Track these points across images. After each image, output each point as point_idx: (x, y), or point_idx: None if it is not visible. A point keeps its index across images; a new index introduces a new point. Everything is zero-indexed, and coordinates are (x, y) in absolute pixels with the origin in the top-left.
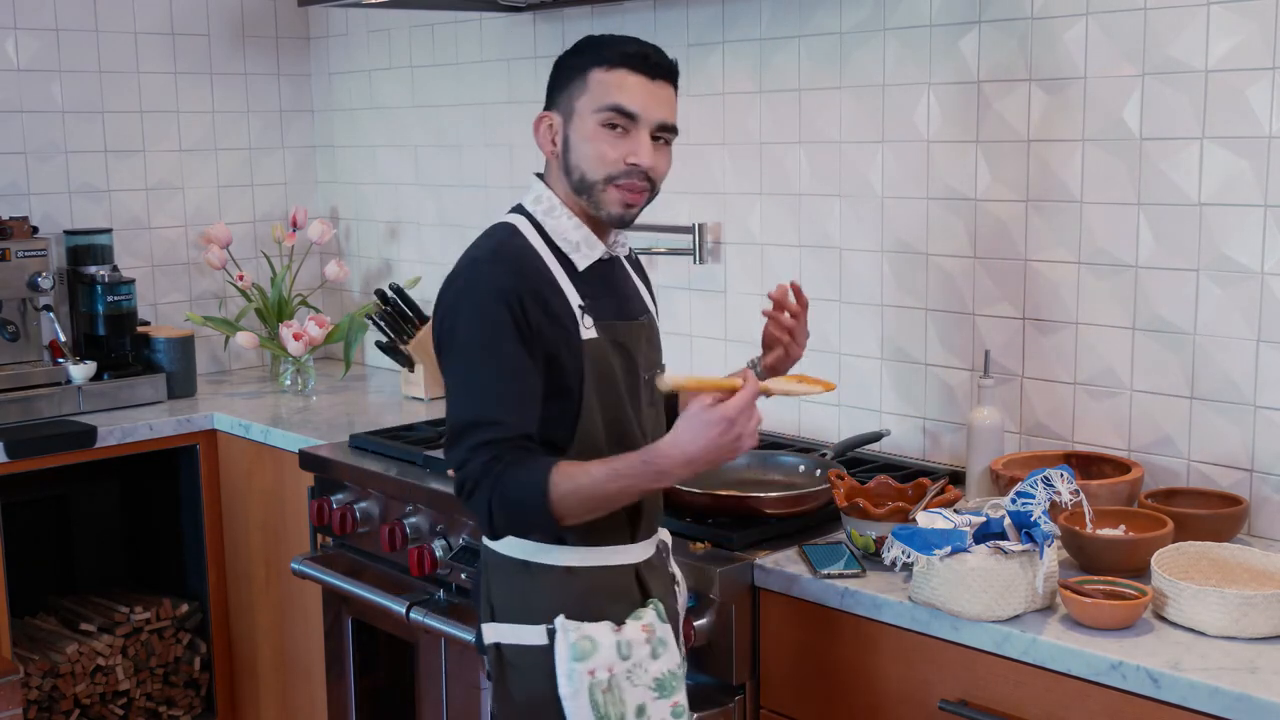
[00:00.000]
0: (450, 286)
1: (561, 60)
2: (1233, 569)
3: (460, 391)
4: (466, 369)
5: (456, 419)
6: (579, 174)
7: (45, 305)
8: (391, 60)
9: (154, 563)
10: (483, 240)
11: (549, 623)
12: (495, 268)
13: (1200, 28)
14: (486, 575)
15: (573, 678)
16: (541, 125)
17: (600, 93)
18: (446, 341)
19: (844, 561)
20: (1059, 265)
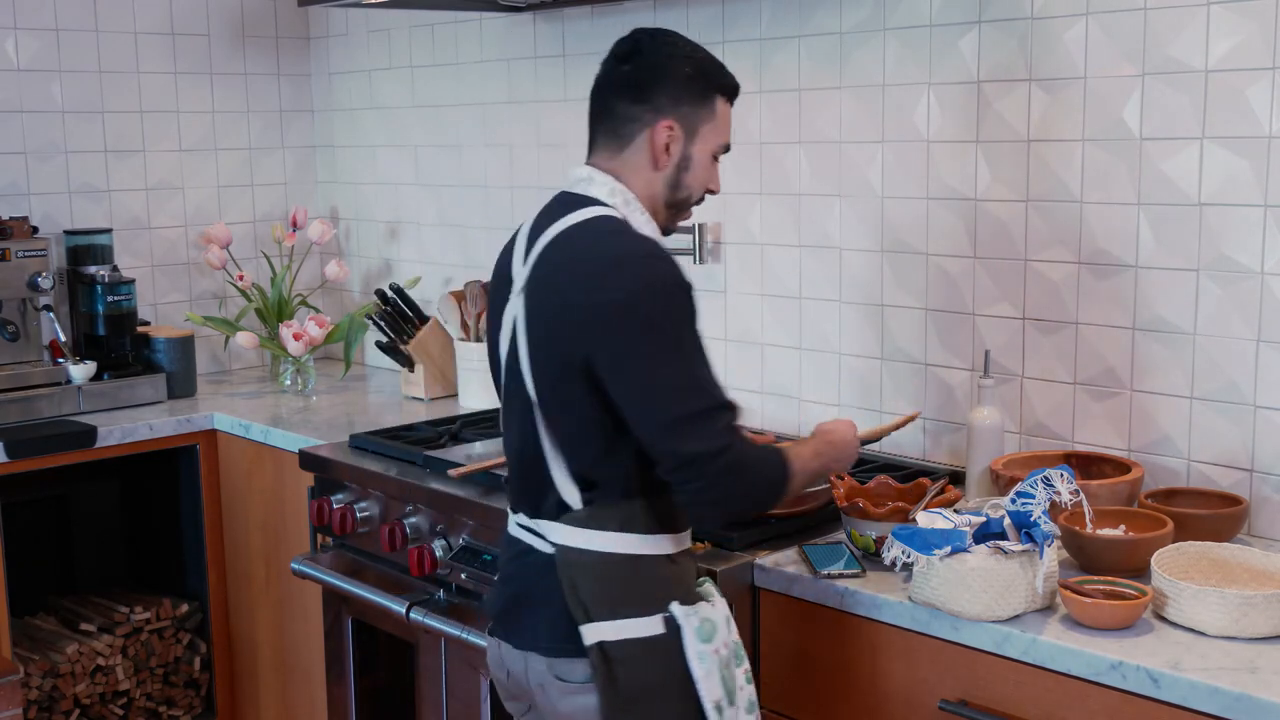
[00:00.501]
0: (620, 279)
1: (678, 63)
2: (1233, 569)
3: (687, 380)
4: (687, 358)
5: (699, 405)
6: (686, 193)
7: (45, 305)
8: (391, 60)
9: (154, 563)
10: (618, 234)
11: (662, 611)
12: (667, 261)
13: (1200, 28)
14: (570, 575)
15: (704, 659)
16: (664, 131)
17: (723, 127)
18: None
19: (844, 561)
20: (1059, 265)
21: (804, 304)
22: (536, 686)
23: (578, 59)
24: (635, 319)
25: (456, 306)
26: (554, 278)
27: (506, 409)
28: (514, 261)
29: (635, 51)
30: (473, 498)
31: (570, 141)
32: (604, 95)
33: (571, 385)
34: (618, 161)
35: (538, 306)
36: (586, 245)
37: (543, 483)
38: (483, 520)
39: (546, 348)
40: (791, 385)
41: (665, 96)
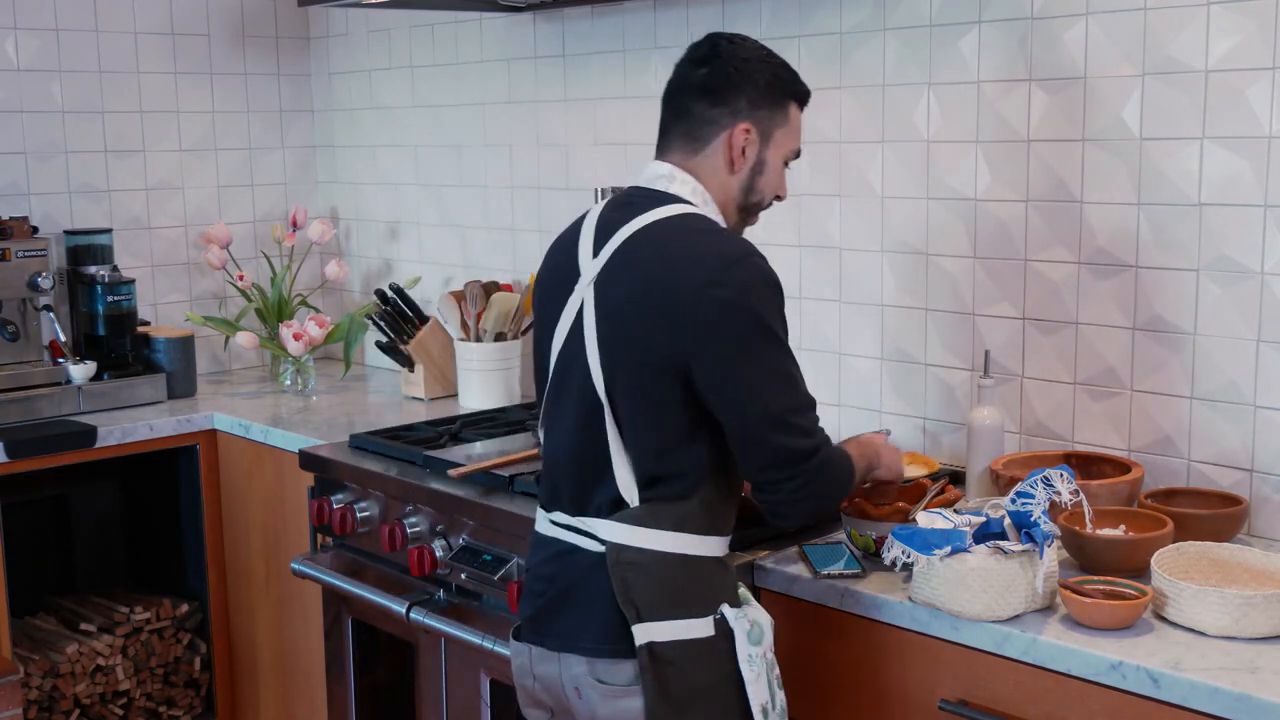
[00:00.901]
0: (730, 279)
1: (757, 67)
2: (1233, 569)
3: (785, 378)
4: (787, 356)
5: (797, 402)
6: (759, 195)
7: (45, 305)
8: (391, 60)
9: (154, 563)
10: (711, 233)
11: (713, 613)
12: (765, 261)
13: (1200, 28)
14: (621, 575)
15: (753, 662)
16: (741, 134)
17: (796, 132)
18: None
19: (844, 561)
20: (1059, 265)
21: (804, 304)
22: (572, 690)
23: (578, 59)
24: (745, 316)
25: (456, 306)
26: (645, 272)
27: (556, 404)
28: (579, 255)
29: (713, 55)
30: (473, 498)
31: (570, 141)
32: (680, 97)
33: (658, 380)
34: (694, 163)
35: (620, 300)
36: (686, 241)
37: (599, 479)
38: (483, 520)
39: (629, 341)
40: None
41: (744, 100)
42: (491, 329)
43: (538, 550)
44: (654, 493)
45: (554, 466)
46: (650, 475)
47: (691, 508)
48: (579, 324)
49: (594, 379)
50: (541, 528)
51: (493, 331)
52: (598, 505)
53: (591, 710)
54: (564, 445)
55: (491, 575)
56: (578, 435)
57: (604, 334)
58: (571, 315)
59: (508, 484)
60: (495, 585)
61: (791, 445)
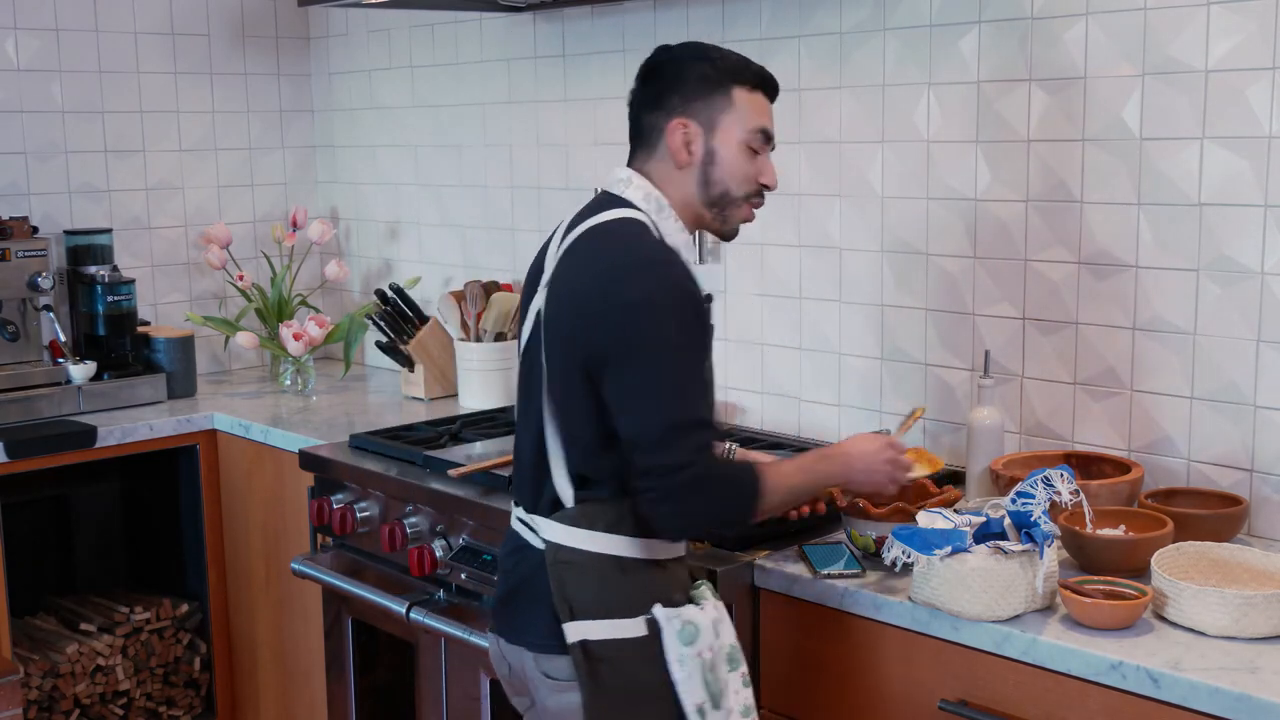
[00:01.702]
0: (631, 285)
1: (685, 63)
2: (1233, 569)
3: (669, 391)
4: (674, 369)
5: (674, 418)
6: (722, 189)
7: (45, 305)
8: (391, 60)
9: (154, 563)
10: (637, 239)
11: (646, 613)
12: (679, 270)
13: (1200, 28)
14: (557, 573)
15: (685, 662)
16: (677, 130)
17: (750, 115)
18: (641, 340)
19: (844, 561)
20: (1059, 265)
21: (804, 304)
22: (531, 681)
23: (578, 59)
24: (643, 321)
25: (456, 306)
26: (574, 274)
27: (521, 401)
28: (548, 255)
29: (653, 67)
30: (473, 498)
31: (570, 141)
32: (633, 115)
33: (576, 381)
34: (649, 168)
35: (557, 300)
36: (607, 246)
37: (542, 478)
38: (483, 520)
39: (558, 345)
40: (791, 385)
41: (676, 97)
42: (491, 329)
43: (505, 543)
44: (587, 494)
45: (515, 463)
46: (581, 476)
47: (624, 510)
48: (537, 324)
49: (542, 376)
50: (511, 520)
51: (493, 331)
52: (542, 504)
53: (544, 702)
54: (522, 442)
55: (491, 575)
56: (530, 433)
57: (548, 335)
58: (533, 313)
59: (507, 484)
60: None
61: (653, 460)
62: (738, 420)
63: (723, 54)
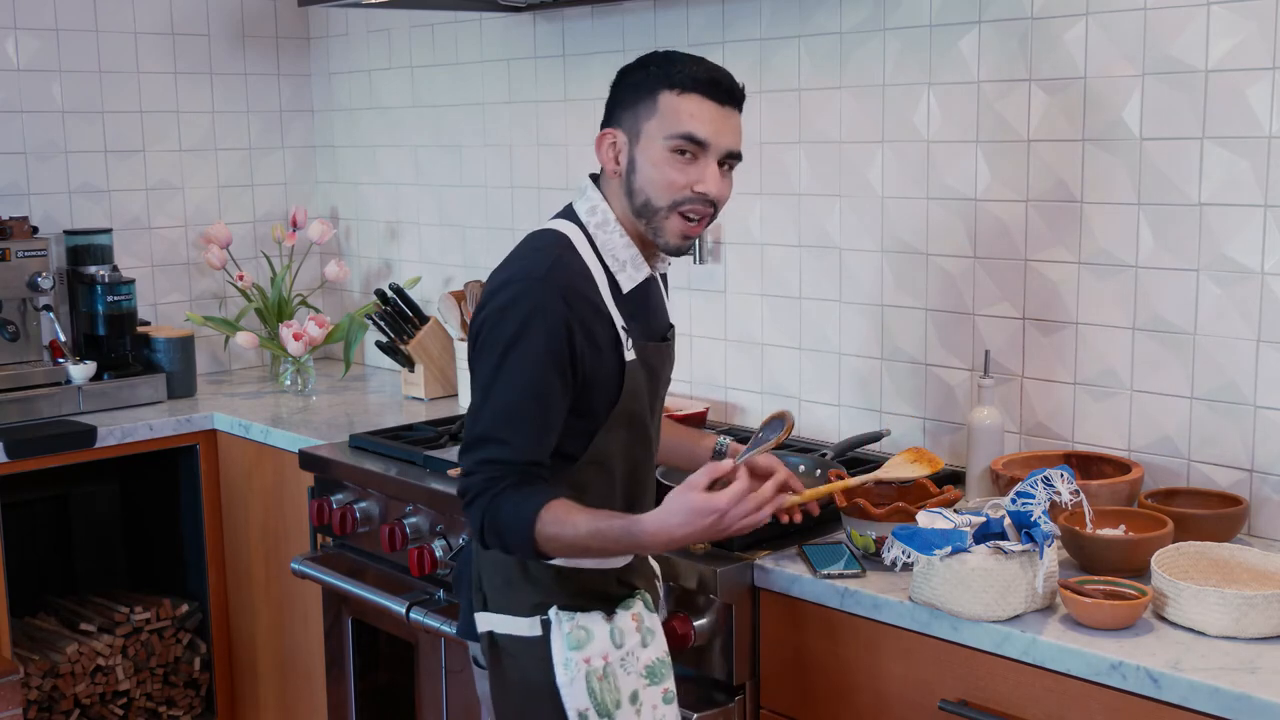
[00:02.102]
0: (498, 293)
1: (626, 74)
2: (1233, 569)
3: (483, 402)
4: (496, 382)
5: (472, 429)
6: (643, 198)
7: (45, 305)
8: (391, 60)
9: (154, 563)
10: (536, 251)
11: (543, 614)
12: (549, 289)
13: (1200, 28)
14: (478, 565)
15: (569, 666)
16: (604, 142)
17: (671, 119)
18: (484, 347)
19: (844, 561)
20: (1059, 265)
21: (804, 304)
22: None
23: (578, 59)
24: (489, 334)
25: (456, 306)
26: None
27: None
28: None
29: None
30: None
31: (570, 141)
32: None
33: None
34: (602, 180)
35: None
36: (511, 254)
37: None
38: None
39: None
40: (791, 385)
41: (610, 111)
42: None
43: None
44: None
45: None
46: None
47: None
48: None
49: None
50: None
51: None
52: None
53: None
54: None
55: None
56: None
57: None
58: None
59: None
60: None
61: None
62: (737, 420)
63: (660, 58)
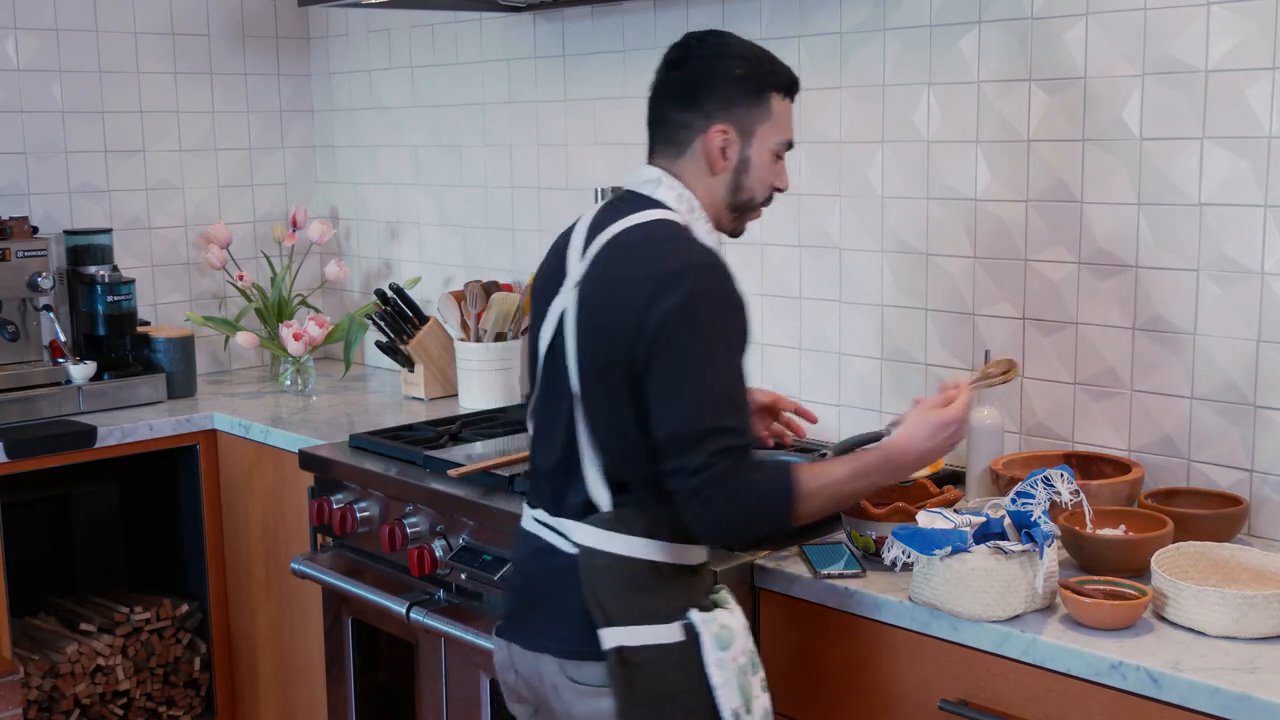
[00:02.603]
0: (672, 284)
1: (728, 65)
2: (1233, 569)
3: (697, 394)
4: (706, 371)
5: (695, 424)
6: (749, 193)
7: (45, 305)
8: (391, 60)
9: (154, 563)
10: (680, 240)
11: (681, 619)
12: (726, 275)
13: (1200, 28)
14: (590, 580)
15: (723, 667)
16: (718, 137)
17: (781, 124)
18: (676, 340)
19: (844, 561)
20: (1059, 265)
21: (804, 304)
22: (550, 688)
23: (578, 59)
24: (683, 326)
25: (456, 306)
26: (617, 277)
27: (540, 401)
28: (569, 255)
29: (685, 57)
30: (473, 498)
31: (570, 141)
32: (658, 103)
33: (616, 385)
34: (678, 167)
35: (592, 303)
36: (649, 249)
37: (572, 480)
38: (483, 520)
39: (596, 345)
40: (791, 385)
41: (716, 100)
42: (491, 329)
43: (519, 546)
44: (625, 498)
45: (536, 464)
46: (619, 481)
47: (662, 516)
48: (562, 325)
49: (571, 380)
50: (525, 523)
51: (493, 331)
52: (571, 506)
53: (568, 708)
54: (546, 444)
55: (491, 575)
56: (558, 435)
57: (580, 337)
58: (556, 315)
59: (508, 484)
60: (495, 585)
61: (676, 464)
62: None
63: (756, 51)
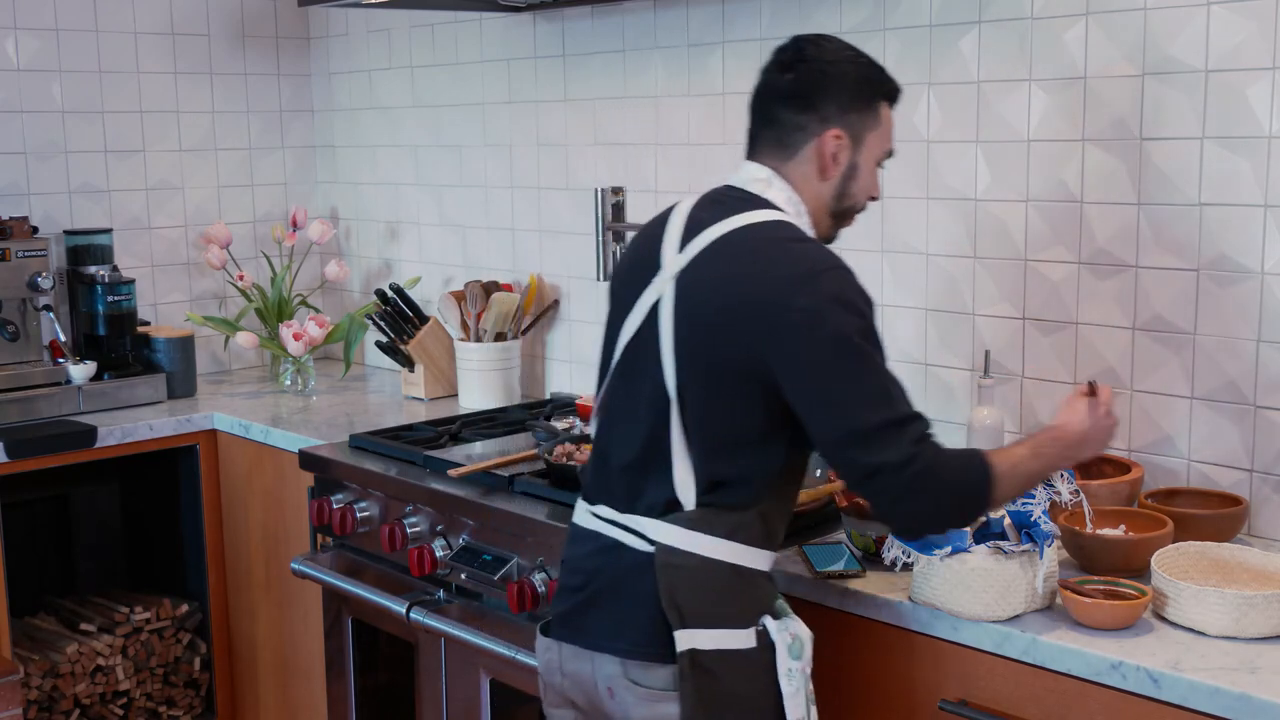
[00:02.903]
0: (809, 290)
1: (846, 69)
2: (1233, 569)
3: (875, 390)
4: (873, 369)
5: (877, 418)
6: (853, 200)
7: (45, 305)
8: (391, 60)
9: (154, 563)
10: (801, 242)
11: (755, 625)
12: (852, 275)
13: (1200, 28)
14: (668, 579)
15: (792, 676)
16: (832, 142)
17: (886, 134)
18: (836, 344)
19: (844, 561)
20: (1059, 265)
21: None
22: (605, 690)
23: (578, 59)
24: (824, 330)
25: (456, 306)
26: (731, 274)
27: (616, 394)
28: (664, 246)
29: (799, 59)
30: (473, 498)
31: (570, 141)
32: (767, 103)
33: (735, 384)
34: (789, 169)
35: (702, 298)
36: (776, 248)
37: (653, 477)
38: (483, 520)
39: (708, 343)
40: None
41: (832, 105)
42: (491, 329)
43: (577, 544)
44: (712, 498)
45: (607, 459)
46: (712, 480)
47: (748, 518)
48: (654, 317)
49: (665, 375)
50: (581, 520)
51: (493, 331)
52: (650, 504)
53: (626, 712)
54: (624, 439)
55: (491, 575)
56: (640, 430)
57: (681, 331)
58: (646, 307)
59: (508, 484)
60: (495, 585)
61: (876, 460)
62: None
63: (866, 59)
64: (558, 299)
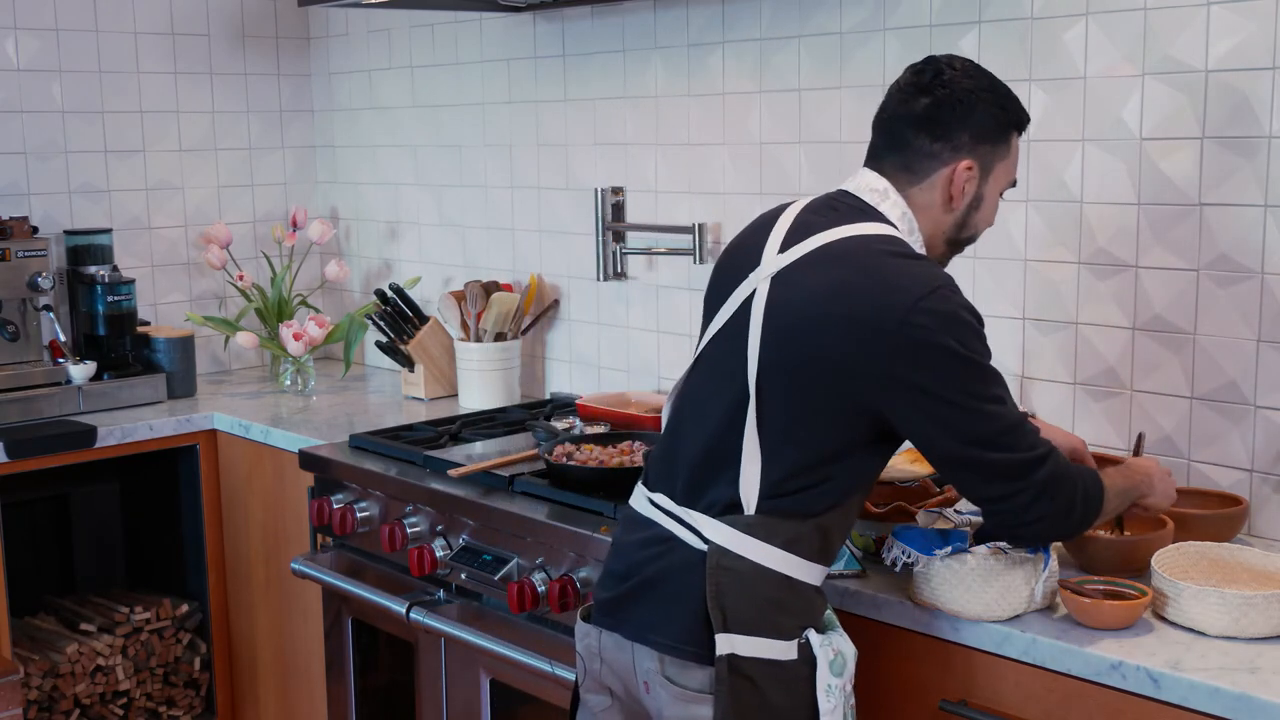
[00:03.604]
0: (924, 306)
1: (984, 99)
2: (1233, 569)
3: (995, 398)
4: (986, 385)
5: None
6: (972, 232)
7: (45, 305)
8: (391, 60)
9: (154, 563)
10: (909, 258)
11: (799, 637)
12: (959, 292)
13: (1200, 28)
14: (717, 579)
15: (831, 692)
16: (964, 173)
17: (1014, 163)
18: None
19: (844, 561)
20: (1059, 265)
21: None
22: (642, 683)
23: (578, 59)
24: (943, 348)
25: (456, 306)
26: (834, 280)
27: (695, 386)
28: (767, 244)
29: (936, 83)
30: (473, 498)
31: (570, 141)
32: (898, 126)
33: (820, 396)
34: (911, 192)
35: (800, 303)
36: (887, 261)
37: (720, 475)
38: (483, 520)
39: (798, 346)
40: None
41: (967, 134)
42: (491, 329)
43: (630, 529)
44: (775, 504)
45: (676, 449)
46: (777, 486)
47: (807, 529)
48: (745, 312)
49: (748, 372)
50: (639, 505)
51: (493, 331)
52: (710, 502)
53: (660, 708)
54: (696, 431)
55: (491, 575)
56: (715, 425)
57: (769, 330)
58: (738, 302)
59: (508, 484)
60: (495, 585)
61: (1006, 460)
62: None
63: (1002, 88)
64: (558, 299)
